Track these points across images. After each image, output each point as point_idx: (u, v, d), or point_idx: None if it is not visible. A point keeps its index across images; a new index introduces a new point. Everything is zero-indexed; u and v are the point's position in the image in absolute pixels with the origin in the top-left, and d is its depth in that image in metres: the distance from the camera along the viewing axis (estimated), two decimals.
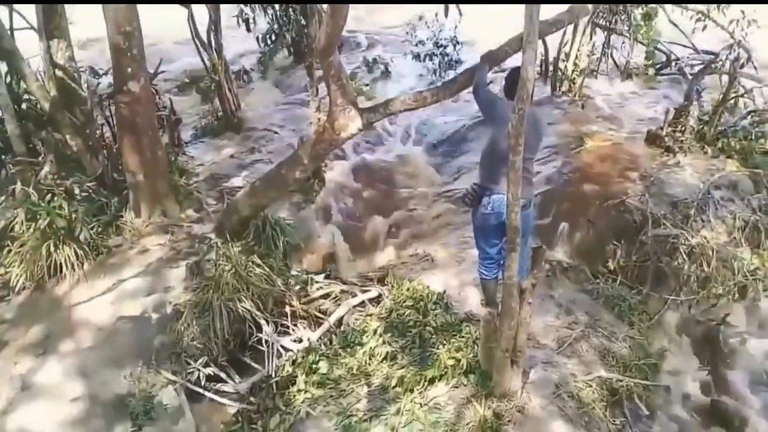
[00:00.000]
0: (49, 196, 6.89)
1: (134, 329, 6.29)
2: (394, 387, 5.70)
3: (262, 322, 6.52)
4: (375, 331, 6.32)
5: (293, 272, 7.22)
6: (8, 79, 7.67)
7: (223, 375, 6.27)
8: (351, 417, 5.51)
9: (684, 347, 6.76)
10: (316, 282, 7.20)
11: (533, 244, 5.67)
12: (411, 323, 6.33)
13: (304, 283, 7.13)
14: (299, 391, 5.90)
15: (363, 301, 7.02)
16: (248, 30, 12.93)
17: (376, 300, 7.04)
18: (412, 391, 5.61)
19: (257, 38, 13.93)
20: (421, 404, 5.46)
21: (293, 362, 6.24)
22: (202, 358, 6.17)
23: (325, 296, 7.11)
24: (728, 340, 6.86)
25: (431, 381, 5.67)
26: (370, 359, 6.07)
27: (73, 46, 7.88)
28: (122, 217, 7.60)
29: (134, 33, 6.97)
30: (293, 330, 6.69)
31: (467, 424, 5.21)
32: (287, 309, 6.79)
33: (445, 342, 6.00)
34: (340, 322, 6.81)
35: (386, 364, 5.97)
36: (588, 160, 9.55)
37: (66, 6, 7.76)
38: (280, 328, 6.67)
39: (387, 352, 6.06)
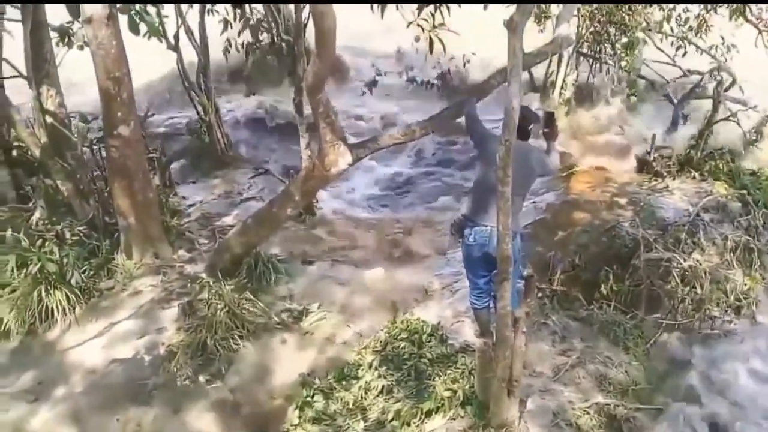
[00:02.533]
0: (40, 242, 6.89)
1: (127, 371, 6.21)
2: (390, 421, 5.63)
3: None
4: (370, 365, 6.27)
5: (287, 305, 7.17)
6: None
7: None
8: None
9: (681, 370, 6.71)
10: (311, 313, 7.14)
11: (525, 273, 5.68)
12: (406, 356, 6.28)
13: (300, 314, 7.08)
14: (293, 426, 5.80)
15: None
16: None
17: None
18: (409, 424, 5.55)
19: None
20: None
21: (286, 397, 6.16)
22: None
23: None
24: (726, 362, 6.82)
25: (428, 414, 5.60)
26: (365, 393, 6.00)
27: (62, 93, 7.96)
28: (114, 259, 7.57)
29: (124, 78, 7.02)
30: None
31: None
32: None
33: (440, 373, 5.96)
34: None
35: (382, 398, 5.91)
36: (578, 187, 9.63)
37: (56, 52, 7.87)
38: None
39: (383, 386, 5.99)
